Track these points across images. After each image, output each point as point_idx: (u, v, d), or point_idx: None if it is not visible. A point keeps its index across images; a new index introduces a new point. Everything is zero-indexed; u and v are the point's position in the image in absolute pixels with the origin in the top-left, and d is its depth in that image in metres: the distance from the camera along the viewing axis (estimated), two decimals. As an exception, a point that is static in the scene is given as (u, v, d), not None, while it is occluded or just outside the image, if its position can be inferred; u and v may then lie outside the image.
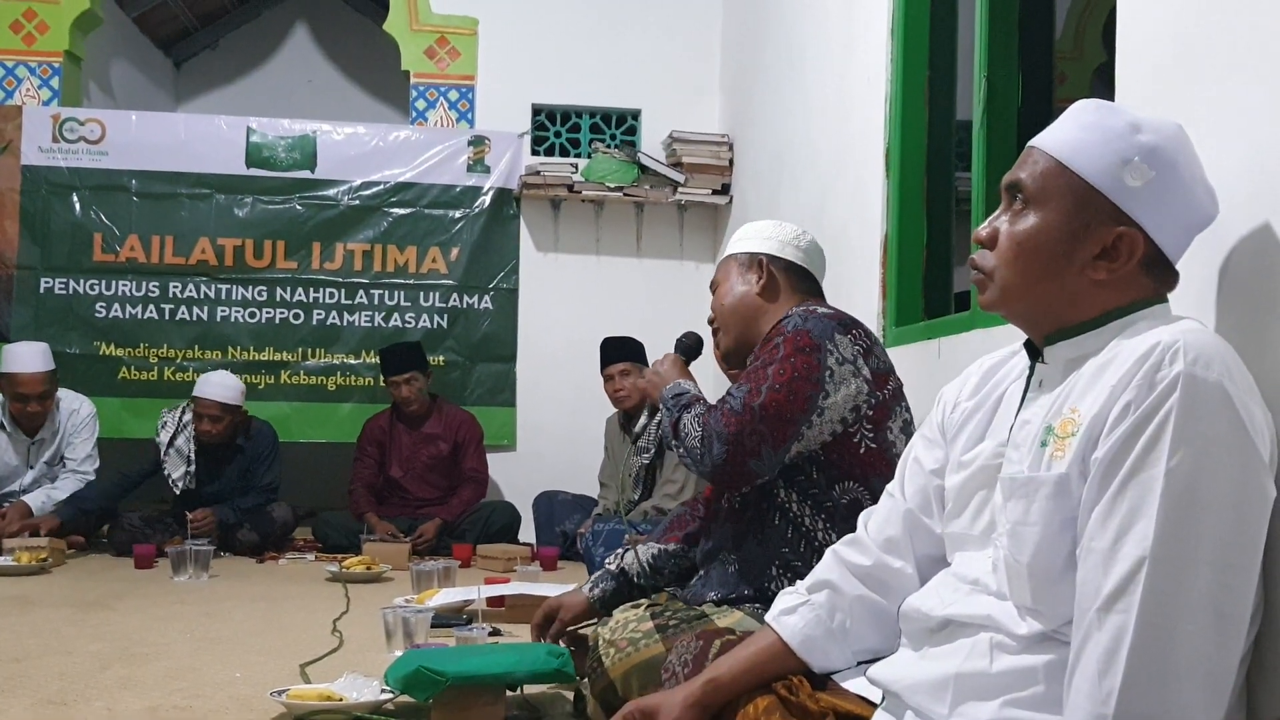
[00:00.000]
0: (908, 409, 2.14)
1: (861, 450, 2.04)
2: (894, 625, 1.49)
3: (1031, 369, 1.40)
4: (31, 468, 5.25)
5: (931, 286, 3.57)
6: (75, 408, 5.33)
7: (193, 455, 5.23)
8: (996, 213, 1.40)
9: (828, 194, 4.20)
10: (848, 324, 2.09)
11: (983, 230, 1.40)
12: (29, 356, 5.15)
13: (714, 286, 2.35)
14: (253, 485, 5.30)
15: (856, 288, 3.72)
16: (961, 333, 2.95)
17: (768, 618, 1.58)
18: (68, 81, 6.03)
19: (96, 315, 5.81)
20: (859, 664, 1.52)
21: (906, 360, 2.33)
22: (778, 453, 2.00)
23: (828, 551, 1.60)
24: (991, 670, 1.28)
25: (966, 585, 1.37)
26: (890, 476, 1.61)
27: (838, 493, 2.03)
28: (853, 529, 1.60)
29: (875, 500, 1.63)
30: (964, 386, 1.51)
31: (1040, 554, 1.26)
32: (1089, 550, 1.20)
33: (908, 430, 2.08)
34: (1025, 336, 1.42)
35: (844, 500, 2.02)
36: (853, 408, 2.03)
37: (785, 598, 1.58)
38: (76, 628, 3.27)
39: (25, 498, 5.07)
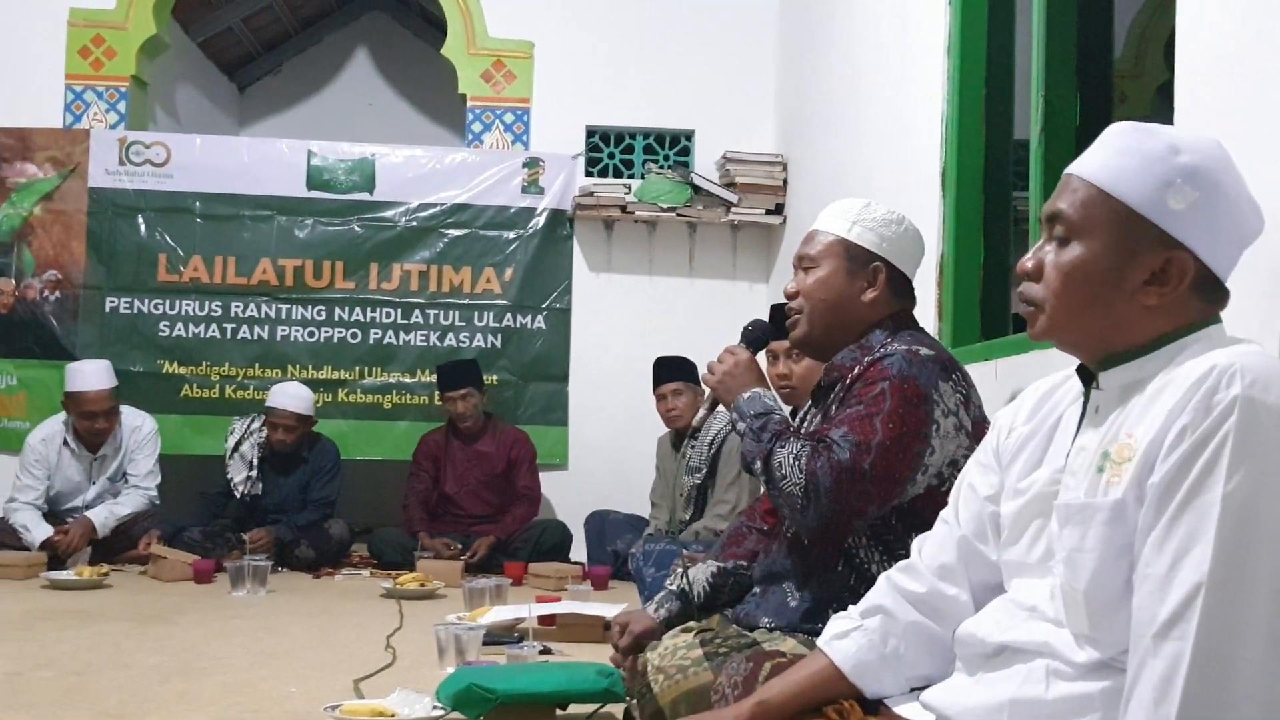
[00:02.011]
0: None
1: (947, 500, 1.98)
2: (948, 652, 1.47)
3: (1086, 395, 1.38)
4: (94, 484, 5.36)
5: (989, 307, 3.53)
6: (137, 424, 5.44)
7: (255, 461, 5.38)
8: (1039, 243, 1.38)
9: (882, 214, 4.17)
10: (948, 366, 2.00)
11: (1028, 262, 1.38)
12: (93, 375, 5.27)
13: (805, 263, 2.14)
14: (311, 499, 5.40)
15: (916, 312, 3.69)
16: (1019, 354, 2.92)
17: (820, 642, 1.56)
18: (134, 106, 6.17)
19: (160, 334, 5.92)
20: (911, 690, 1.50)
21: (975, 385, 2.30)
22: (880, 510, 1.93)
23: (881, 577, 1.58)
24: (1047, 697, 1.26)
25: (1024, 611, 1.36)
26: None
27: (913, 541, 1.99)
28: None
29: None
30: (1019, 411, 1.49)
31: (1097, 581, 1.24)
32: (1145, 576, 1.18)
33: None
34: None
35: None
36: (950, 462, 1.95)
37: (837, 622, 1.57)
38: (136, 641, 3.32)
39: (88, 513, 5.17)
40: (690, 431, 4.88)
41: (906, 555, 1.95)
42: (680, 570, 2.39)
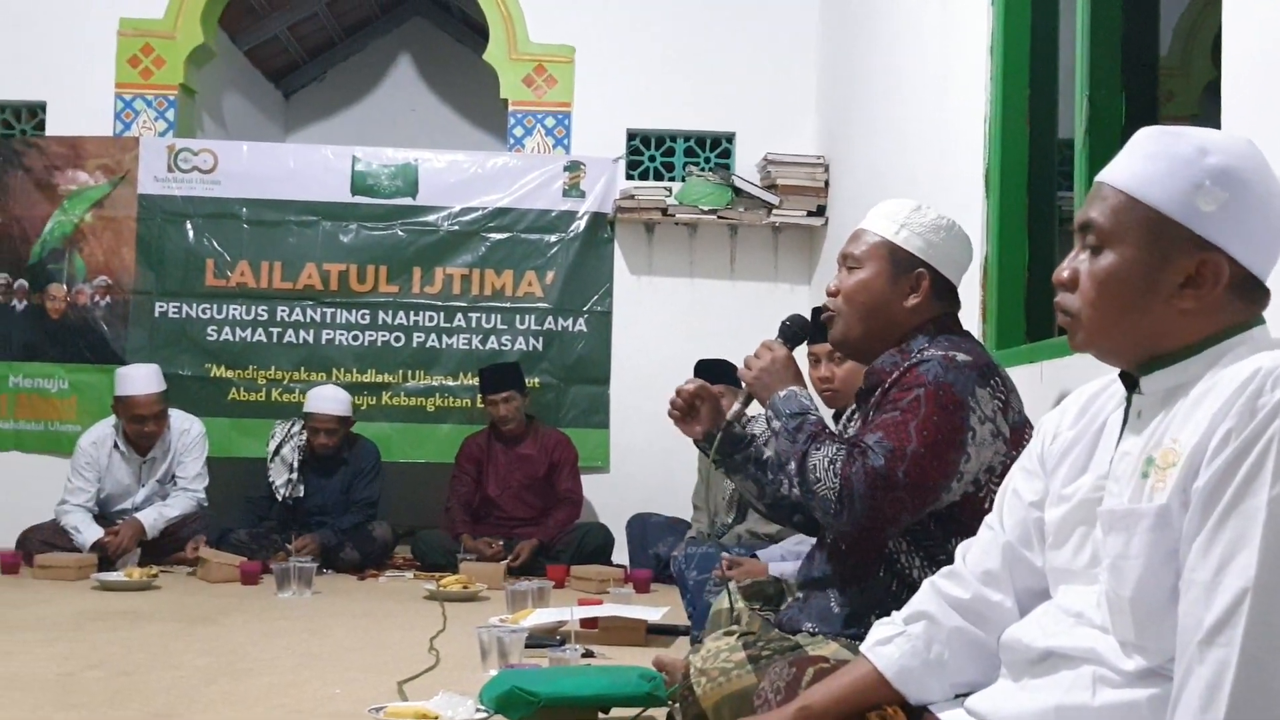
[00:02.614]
0: None
1: (986, 506, 1.93)
2: (993, 658, 1.46)
3: (1129, 400, 1.36)
4: (143, 486, 5.43)
5: (1034, 309, 3.50)
6: (186, 427, 5.51)
7: (296, 464, 5.44)
8: (1073, 252, 1.37)
9: (925, 215, 4.15)
10: (986, 371, 1.98)
11: (1063, 272, 1.37)
12: (142, 379, 5.35)
13: (849, 262, 2.10)
14: (353, 500, 5.45)
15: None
16: (1064, 356, 2.89)
17: (863, 648, 1.55)
18: (182, 113, 6.26)
19: (208, 338, 6.00)
20: (956, 696, 1.49)
21: (1018, 390, 2.27)
22: (915, 517, 1.93)
23: (925, 582, 1.57)
24: (1094, 704, 1.25)
25: (1069, 618, 1.34)
26: None
27: (952, 547, 1.94)
28: None
29: None
30: (1063, 417, 1.48)
31: (1142, 588, 1.23)
32: (1190, 582, 1.17)
33: None
34: (1122, 362, 1.38)
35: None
36: (988, 469, 1.94)
37: (881, 628, 1.56)
38: (184, 642, 3.37)
39: (138, 515, 5.25)
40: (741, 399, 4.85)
41: (947, 560, 1.93)
42: (714, 582, 2.40)
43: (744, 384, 2.19)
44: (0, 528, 5.44)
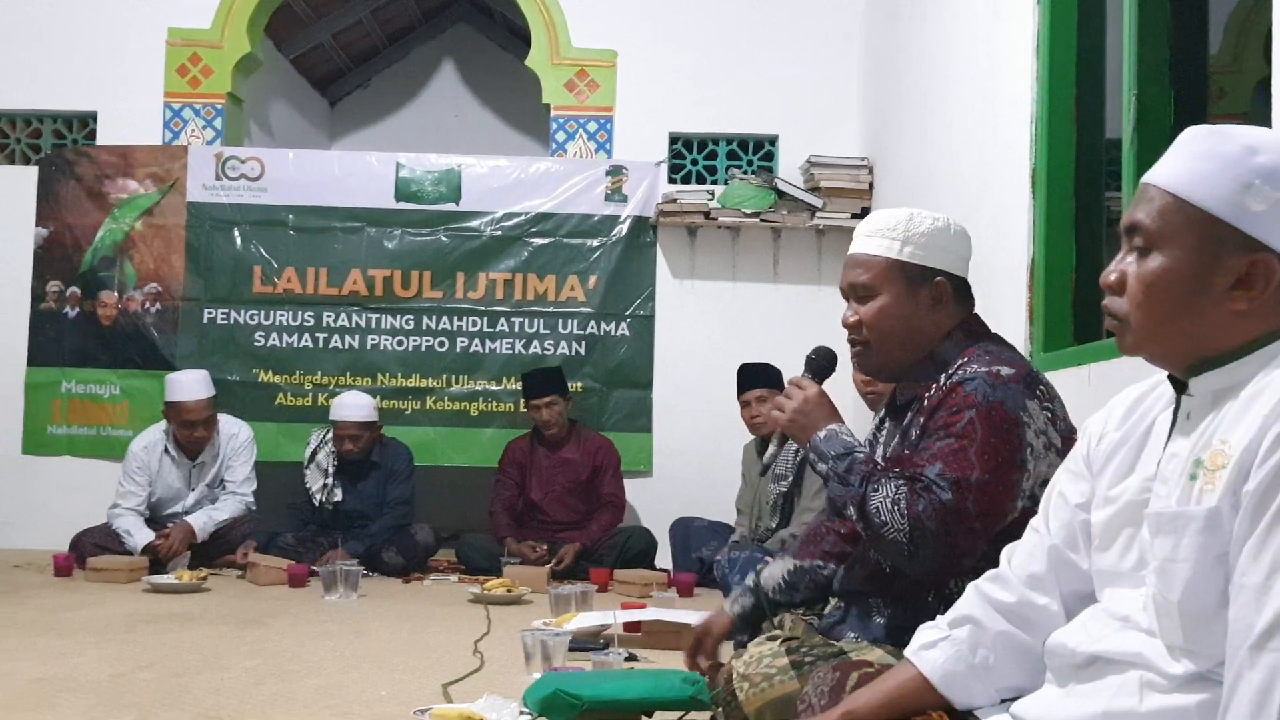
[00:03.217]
0: None
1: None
2: (1038, 663, 1.44)
3: (1177, 402, 1.34)
4: (193, 490, 5.50)
5: (1081, 311, 3.46)
6: (234, 432, 5.57)
7: (330, 470, 5.47)
8: (1120, 255, 1.35)
9: (972, 216, 4.11)
10: (1031, 383, 1.94)
11: (1110, 275, 1.35)
12: (191, 385, 5.42)
13: (859, 292, 2.06)
14: (387, 502, 5.47)
15: (1002, 312, 3.63)
16: (1112, 358, 2.85)
17: (907, 652, 1.54)
18: (230, 122, 6.34)
19: (255, 344, 6.07)
20: (1001, 701, 1.47)
21: (1056, 386, 2.24)
22: (986, 544, 1.88)
23: (970, 586, 1.56)
24: (1141, 709, 1.23)
25: (1116, 621, 1.33)
26: None
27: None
28: None
29: None
30: (1109, 418, 1.46)
31: (1191, 591, 1.21)
32: (1241, 586, 1.15)
33: None
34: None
35: None
36: (1043, 482, 1.87)
37: (925, 632, 1.54)
38: (233, 644, 3.40)
39: (188, 519, 5.31)
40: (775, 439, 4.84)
41: None
42: (759, 567, 2.39)
43: (779, 427, 2.13)
44: (54, 531, 5.54)
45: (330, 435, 5.57)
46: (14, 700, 2.57)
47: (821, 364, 2.20)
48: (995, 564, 1.89)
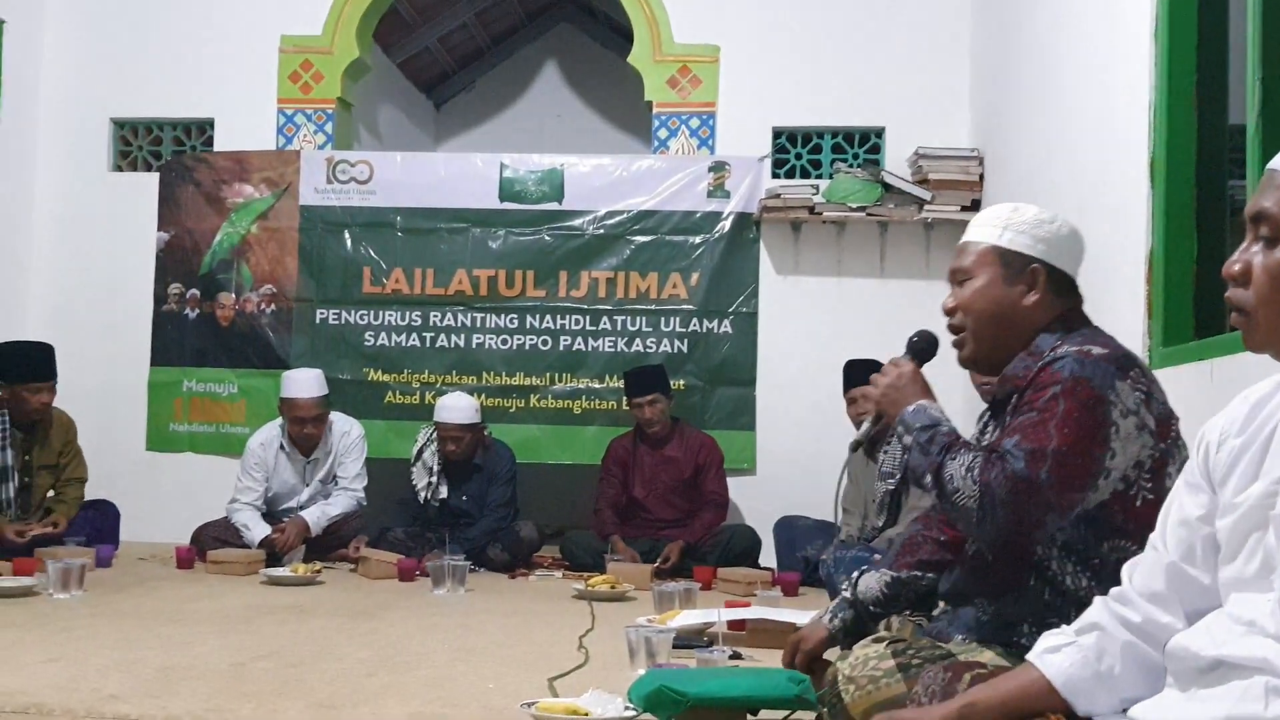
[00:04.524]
0: (1185, 448, 1.92)
1: (1138, 504, 1.86)
2: (1163, 676, 1.40)
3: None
4: (307, 485, 5.64)
5: (1203, 304, 3.34)
6: (346, 430, 5.70)
7: (436, 468, 5.55)
8: (1245, 244, 1.29)
9: (1087, 207, 4.01)
10: (1124, 364, 1.90)
11: (1234, 266, 1.30)
12: (305, 383, 5.56)
13: (960, 276, 2.08)
14: (488, 504, 5.52)
15: (1120, 307, 3.52)
16: (1236, 353, 2.74)
17: (1030, 656, 1.50)
18: (340, 126, 6.48)
19: (365, 343, 6.20)
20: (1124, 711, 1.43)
21: (1175, 383, 2.16)
22: (1062, 519, 1.86)
23: (1096, 600, 1.51)
24: (1266, 716, 1.19)
25: (1241, 626, 1.28)
26: None
27: (1106, 550, 1.87)
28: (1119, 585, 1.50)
29: None
30: (1229, 424, 1.41)
31: (1321, 595, 1.16)
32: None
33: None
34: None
35: (1113, 558, 1.85)
36: (1136, 464, 1.86)
37: (1051, 637, 1.50)
38: (346, 635, 3.48)
39: (303, 513, 5.45)
40: (886, 437, 4.78)
41: (1100, 565, 1.86)
42: (855, 576, 2.36)
43: (872, 403, 2.16)
44: (176, 524, 5.72)
45: (435, 435, 5.65)
46: (141, 688, 2.66)
47: (922, 346, 2.21)
48: (1079, 538, 1.84)
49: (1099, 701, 1.44)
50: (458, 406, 5.56)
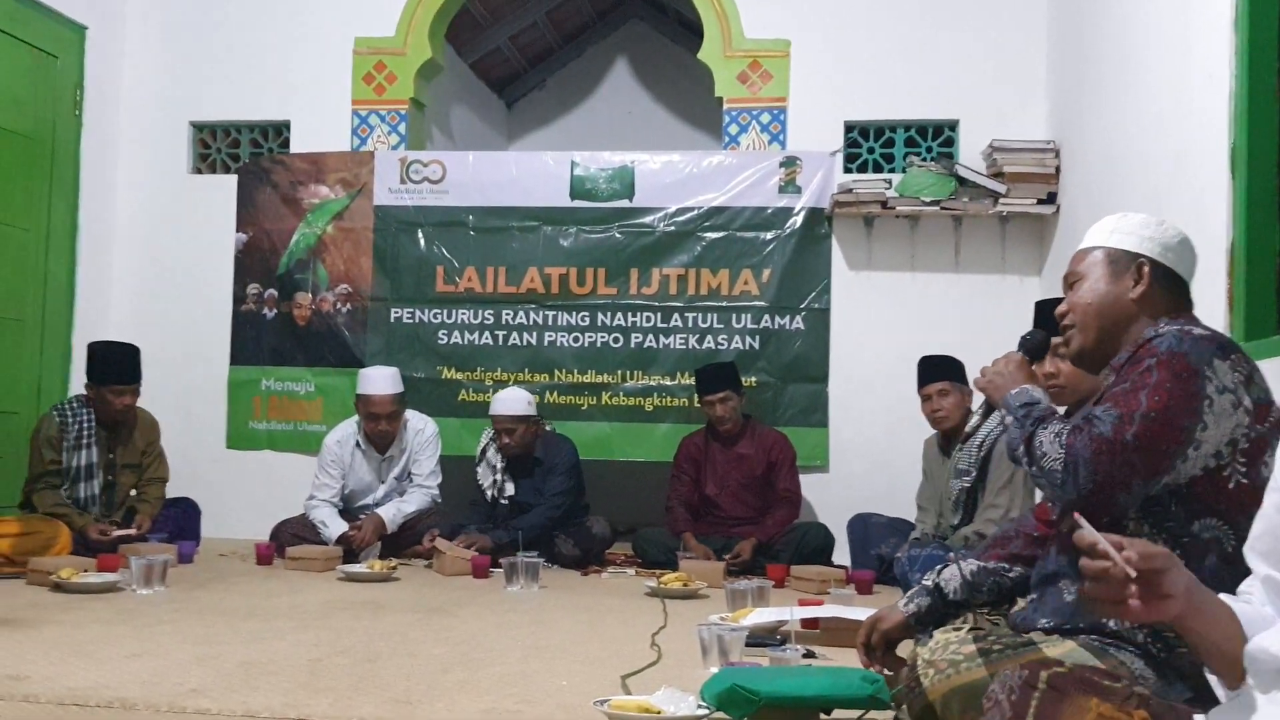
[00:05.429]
0: None
1: (1231, 485, 1.86)
2: None
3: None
4: (383, 483, 5.72)
5: (1287, 296, 3.26)
6: (420, 427, 5.76)
7: (499, 466, 5.58)
8: None
9: (1165, 199, 3.92)
10: (1227, 347, 1.92)
11: None
12: (380, 380, 5.63)
13: (1072, 280, 2.16)
14: (545, 495, 5.52)
15: (1200, 300, 3.42)
16: (1323, 347, 2.67)
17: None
18: (413, 126, 6.56)
19: (439, 342, 6.27)
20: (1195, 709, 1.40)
21: (1260, 370, 2.11)
22: (1148, 485, 1.86)
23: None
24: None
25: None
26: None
27: (1197, 529, 1.86)
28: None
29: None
30: None
31: None
32: None
33: None
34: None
35: (1204, 536, 1.85)
36: (1229, 441, 1.86)
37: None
38: (421, 631, 3.52)
39: (378, 510, 5.52)
40: (962, 435, 4.74)
41: (1190, 542, 1.86)
42: (940, 567, 2.37)
43: (978, 392, 2.27)
44: (255, 521, 5.85)
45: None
46: (222, 681, 2.72)
47: (1035, 342, 2.33)
48: (1169, 515, 1.82)
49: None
50: (510, 398, 5.58)
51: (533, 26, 8.33)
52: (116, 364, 5.21)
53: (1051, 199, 5.65)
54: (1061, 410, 2.98)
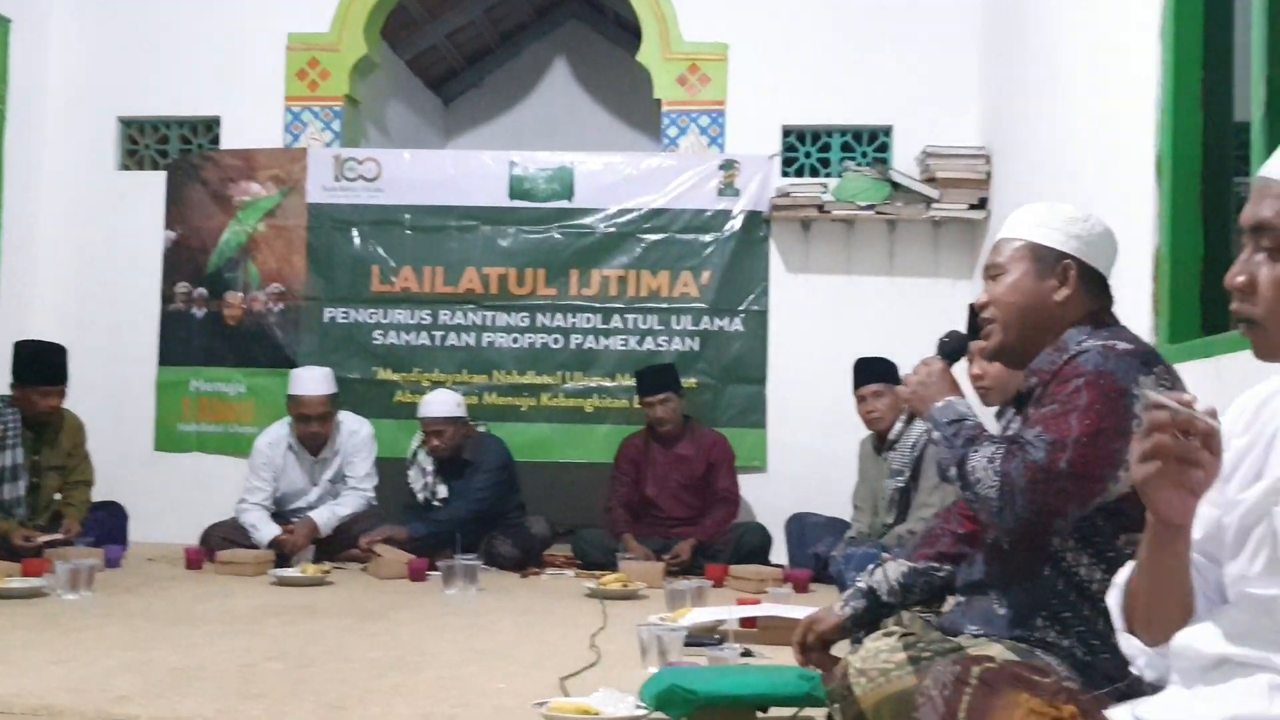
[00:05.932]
0: None
1: None
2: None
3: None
4: (316, 485, 5.64)
5: (1210, 300, 3.34)
6: (355, 429, 5.70)
7: (429, 468, 5.55)
8: (1245, 254, 1.29)
9: (1094, 204, 3.96)
10: (1149, 360, 1.93)
11: (1238, 278, 1.29)
12: (312, 380, 5.56)
13: (994, 272, 2.10)
14: (469, 490, 5.47)
15: (1126, 303, 3.49)
16: (1243, 349, 2.73)
17: None
18: (348, 124, 6.49)
19: (374, 342, 6.20)
20: (1122, 698, 1.43)
21: (1183, 380, 2.16)
22: (1083, 508, 1.88)
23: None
24: (1272, 713, 1.20)
25: (1245, 623, 1.28)
26: None
27: (1122, 542, 1.89)
28: None
29: None
30: (1234, 424, 1.41)
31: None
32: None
33: None
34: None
35: (1128, 551, 1.86)
36: None
37: None
38: (356, 636, 3.49)
39: (312, 514, 5.45)
40: (888, 441, 4.81)
41: (1115, 557, 1.88)
42: (871, 569, 2.39)
43: (903, 400, 2.25)
44: (184, 525, 5.73)
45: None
46: (151, 688, 2.67)
47: (953, 346, 2.28)
48: (1096, 531, 1.83)
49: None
50: (438, 400, 5.54)
51: (470, 24, 8.29)
52: (43, 364, 5.09)
53: (983, 204, 5.75)
54: (992, 410, 3.05)
